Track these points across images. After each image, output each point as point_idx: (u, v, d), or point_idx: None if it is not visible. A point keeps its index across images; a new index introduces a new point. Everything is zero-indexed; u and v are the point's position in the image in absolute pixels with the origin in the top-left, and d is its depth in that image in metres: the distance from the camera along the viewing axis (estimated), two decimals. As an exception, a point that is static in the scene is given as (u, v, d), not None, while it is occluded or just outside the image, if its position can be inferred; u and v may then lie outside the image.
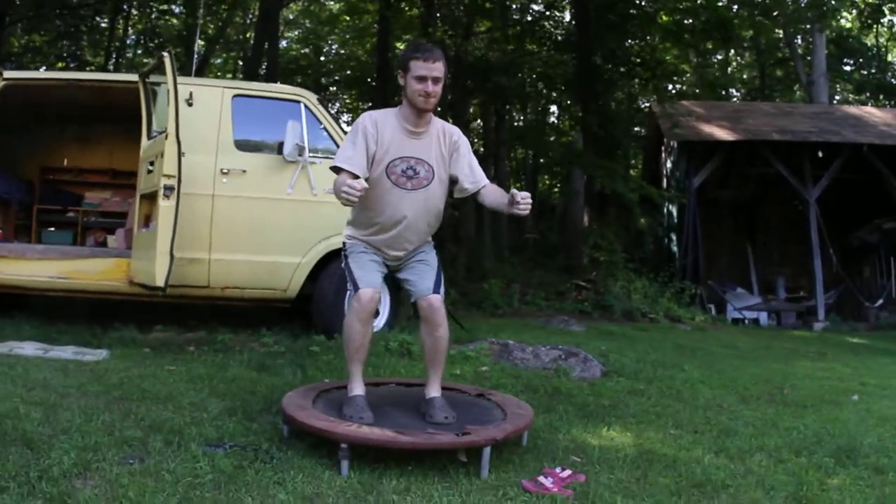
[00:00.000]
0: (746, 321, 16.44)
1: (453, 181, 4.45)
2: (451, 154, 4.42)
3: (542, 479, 3.59)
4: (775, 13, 20.80)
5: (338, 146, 8.00)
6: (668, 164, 21.00)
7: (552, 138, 23.83)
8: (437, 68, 4.21)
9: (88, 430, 3.92)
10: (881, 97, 33.70)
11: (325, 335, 7.33)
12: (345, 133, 8.36)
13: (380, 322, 8.05)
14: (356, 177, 4.12)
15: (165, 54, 6.97)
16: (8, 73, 8.17)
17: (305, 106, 8.06)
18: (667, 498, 3.56)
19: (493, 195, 4.37)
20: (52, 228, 10.60)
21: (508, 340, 7.53)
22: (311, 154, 7.83)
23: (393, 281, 8.00)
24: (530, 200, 4.04)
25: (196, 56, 20.84)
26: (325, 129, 8.06)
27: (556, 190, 33.99)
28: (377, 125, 4.30)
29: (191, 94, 7.66)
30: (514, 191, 4.05)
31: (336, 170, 4.27)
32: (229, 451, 3.73)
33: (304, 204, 7.81)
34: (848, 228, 18.48)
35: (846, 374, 8.39)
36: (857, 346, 12.60)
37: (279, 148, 7.85)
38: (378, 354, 6.60)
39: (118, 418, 4.21)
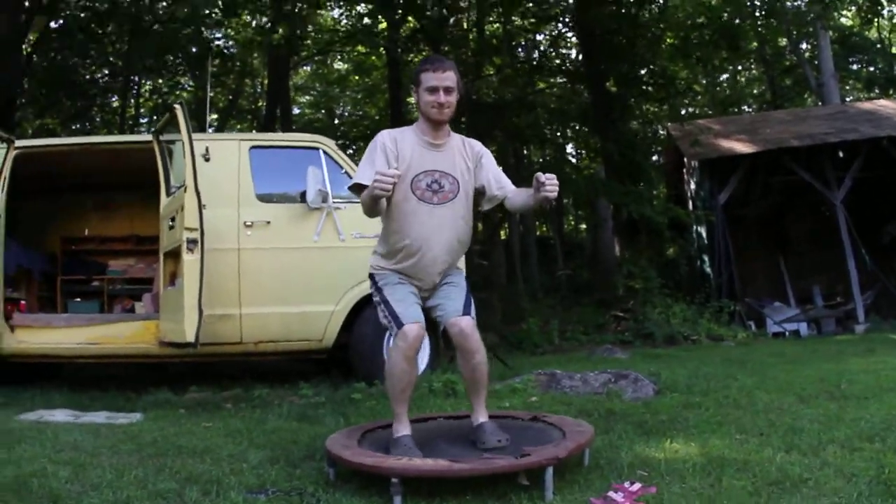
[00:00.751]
0: (787, 333, 16.07)
1: (479, 192, 4.33)
2: (475, 165, 4.30)
3: (611, 494, 3.37)
4: (776, 18, 20.73)
5: (360, 190, 7.88)
6: (692, 185, 20.76)
7: (573, 176, 23.77)
8: (448, 78, 4.14)
9: (120, 485, 3.72)
10: (891, 91, 33.44)
11: (366, 382, 7.10)
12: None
13: (421, 365, 7.85)
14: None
15: (177, 106, 6.89)
16: (20, 142, 8.11)
17: (324, 152, 7.95)
18: (746, 498, 3.38)
19: (519, 196, 4.21)
20: (78, 299, 10.52)
21: (555, 370, 7.32)
22: (334, 200, 7.67)
23: (428, 317, 7.79)
24: (555, 179, 3.82)
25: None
26: (346, 173, 7.90)
27: (583, 227, 33.86)
28: (396, 141, 4.19)
29: (207, 150, 7.59)
30: (536, 174, 3.85)
31: (356, 189, 4.17)
32: (272, 496, 3.53)
33: (332, 251, 7.65)
34: (876, 226, 18.14)
35: (899, 363, 8.18)
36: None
37: (302, 196, 7.73)
38: (421, 397, 6.40)
39: (151, 473, 4.01)
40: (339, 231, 7.65)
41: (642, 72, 19.16)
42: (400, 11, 17.33)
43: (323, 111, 30.59)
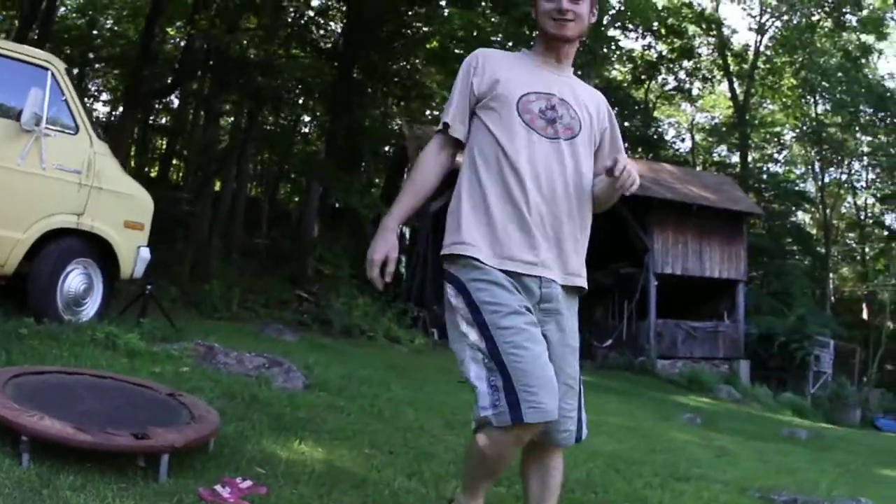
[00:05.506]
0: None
1: None
2: (605, 115, 3.17)
3: (219, 487, 3.53)
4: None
5: (76, 123, 7.71)
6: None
7: (302, 144, 23.91)
8: None
9: None
10: (640, 149, 36.11)
11: (36, 319, 6.92)
12: (86, 110, 8.07)
13: (90, 311, 7.82)
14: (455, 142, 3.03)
15: None
16: None
17: (53, 75, 7.60)
18: (344, 518, 3.52)
19: (600, 183, 3.07)
20: None
21: (214, 343, 7.41)
22: (46, 126, 7.35)
23: (105, 261, 7.75)
24: (633, 172, 2.82)
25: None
26: (66, 101, 7.70)
27: (296, 199, 34.01)
28: (487, 59, 3.06)
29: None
30: (607, 166, 2.92)
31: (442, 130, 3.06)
32: None
33: (31, 177, 7.30)
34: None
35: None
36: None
37: (18, 115, 7.27)
38: (83, 345, 6.36)
39: None
40: (43, 159, 7.38)
41: (394, 67, 19.60)
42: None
43: (83, 20, 29.00)
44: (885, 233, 39.77)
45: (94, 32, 29.47)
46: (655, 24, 31.82)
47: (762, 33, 39.37)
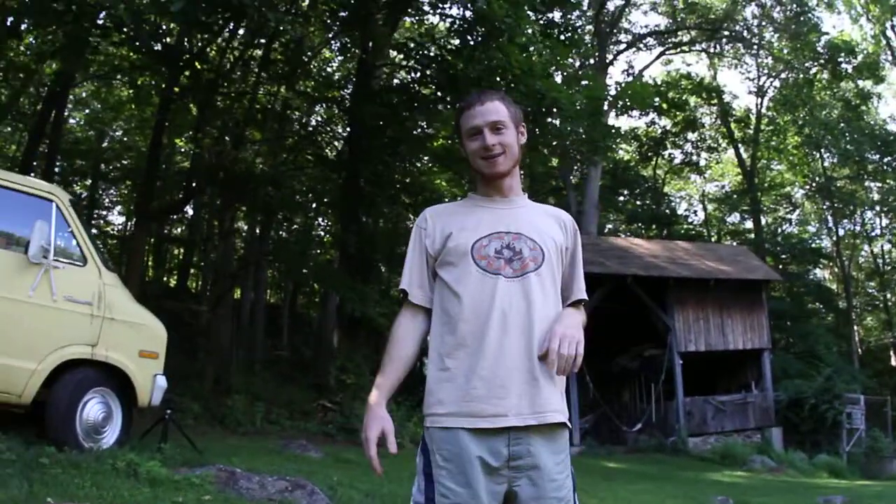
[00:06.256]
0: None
1: None
2: (572, 243, 3.08)
3: None
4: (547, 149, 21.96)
5: (83, 255, 7.81)
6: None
7: (317, 251, 24.00)
8: (493, 110, 2.96)
9: None
10: (654, 227, 36.09)
11: (56, 447, 6.94)
12: (92, 241, 8.17)
13: (110, 439, 7.81)
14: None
15: None
16: None
17: (57, 206, 7.76)
18: None
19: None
20: None
21: (236, 469, 7.39)
22: (54, 258, 7.50)
23: (123, 390, 7.77)
24: (573, 347, 2.71)
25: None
26: (72, 233, 7.82)
27: (316, 303, 34.03)
28: (438, 215, 3.04)
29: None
30: (540, 352, 2.76)
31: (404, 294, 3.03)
32: None
33: (43, 309, 7.40)
34: (611, 355, 19.44)
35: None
36: (612, 471, 13.18)
37: (26, 247, 7.40)
38: (104, 474, 6.34)
39: None
40: (53, 290, 7.48)
41: (399, 173, 19.81)
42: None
43: (92, 132, 29.53)
44: (905, 276, 39.59)
45: (104, 145, 29.88)
46: (657, 99, 32.03)
47: (762, 95, 39.80)
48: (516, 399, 2.72)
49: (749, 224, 41.35)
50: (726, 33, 36.46)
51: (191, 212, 28.77)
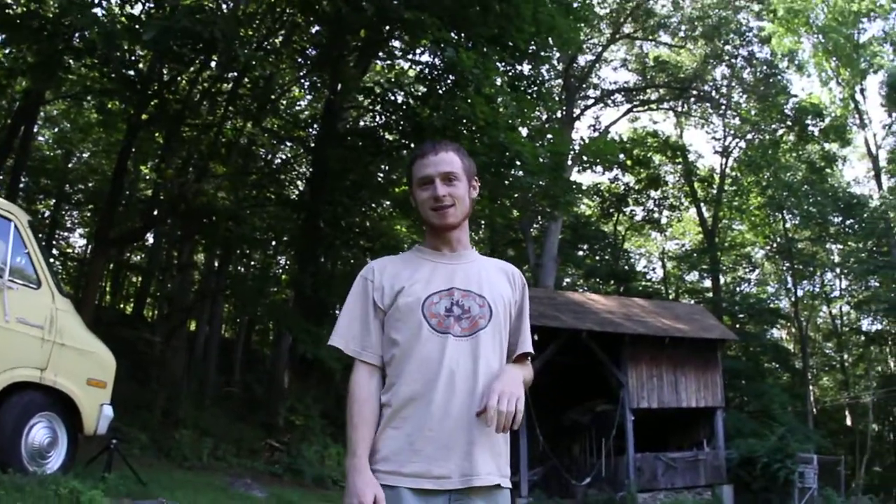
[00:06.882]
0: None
1: None
2: (519, 297, 3.07)
3: None
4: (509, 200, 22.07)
5: (38, 278, 7.74)
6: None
7: (274, 289, 23.87)
8: (447, 161, 2.97)
9: None
10: (611, 282, 36.25)
11: (1, 469, 6.92)
12: (48, 264, 8.11)
13: (54, 464, 7.72)
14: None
15: None
16: None
17: (16, 227, 7.69)
18: None
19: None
20: None
21: (178, 504, 7.30)
22: (9, 279, 7.42)
23: (69, 416, 7.70)
24: (512, 404, 2.66)
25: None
26: (29, 255, 7.76)
27: (270, 341, 33.80)
28: (385, 269, 2.99)
29: None
30: (479, 409, 2.73)
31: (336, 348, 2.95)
32: None
33: None
34: (562, 408, 19.43)
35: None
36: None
37: None
38: (47, 499, 6.29)
39: None
40: (6, 311, 7.42)
41: (359, 217, 19.86)
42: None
43: (60, 151, 29.34)
44: (862, 338, 39.73)
45: (70, 165, 29.73)
46: (622, 156, 32.36)
47: (727, 156, 40.29)
48: (459, 460, 2.71)
49: (708, 283, 41.70)
50: (695, 93, 37.04)
51: (151, 240, 28.58)
